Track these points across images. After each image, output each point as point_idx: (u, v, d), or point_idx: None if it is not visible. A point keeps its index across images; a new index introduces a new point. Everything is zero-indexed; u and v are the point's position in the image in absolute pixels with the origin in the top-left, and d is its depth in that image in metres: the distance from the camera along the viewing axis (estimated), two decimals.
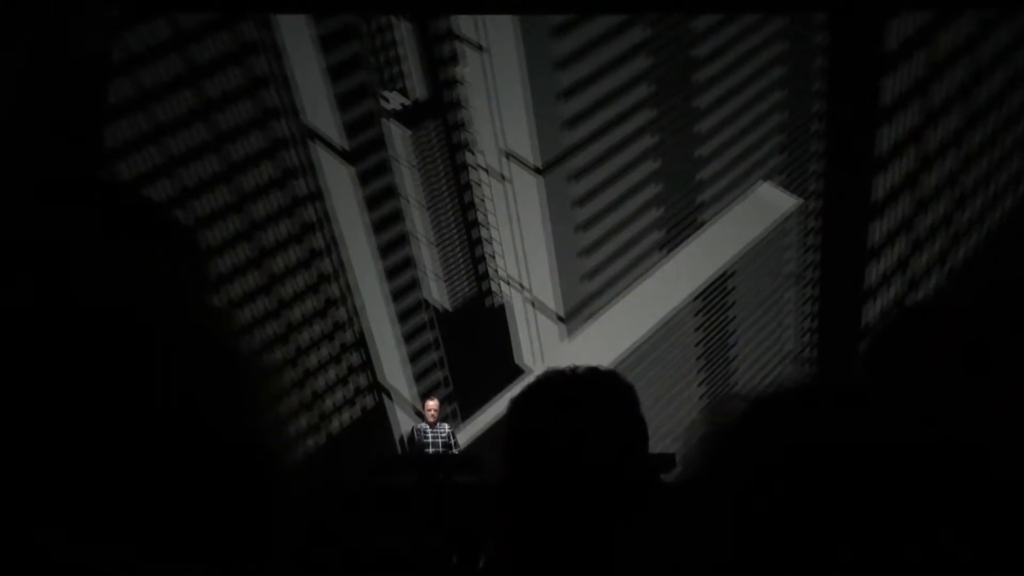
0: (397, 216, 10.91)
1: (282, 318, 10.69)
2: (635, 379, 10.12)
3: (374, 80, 10.33)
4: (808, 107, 9.73)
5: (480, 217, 10.95)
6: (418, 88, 10.37)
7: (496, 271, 11.06)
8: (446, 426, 9.53)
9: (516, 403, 1.69)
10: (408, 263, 11.09)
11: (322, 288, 10.96)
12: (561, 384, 1.68)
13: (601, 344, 10.60)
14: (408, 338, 11.15)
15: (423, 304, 11.19)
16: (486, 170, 10.60)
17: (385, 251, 10.96)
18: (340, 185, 10.61)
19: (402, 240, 11.00)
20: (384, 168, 10.72)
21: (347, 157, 10.51)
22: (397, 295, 11.11)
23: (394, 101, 10.48)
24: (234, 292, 10.27)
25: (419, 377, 11.16)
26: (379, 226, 10.87)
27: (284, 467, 0.86)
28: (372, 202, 10.77)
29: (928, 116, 9.49)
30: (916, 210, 9.70)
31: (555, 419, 1.63)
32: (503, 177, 10.54)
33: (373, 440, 10.84)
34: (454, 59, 10.21)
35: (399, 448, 10.76)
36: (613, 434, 1.64)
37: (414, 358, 11.17)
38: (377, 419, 11.13)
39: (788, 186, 10.02)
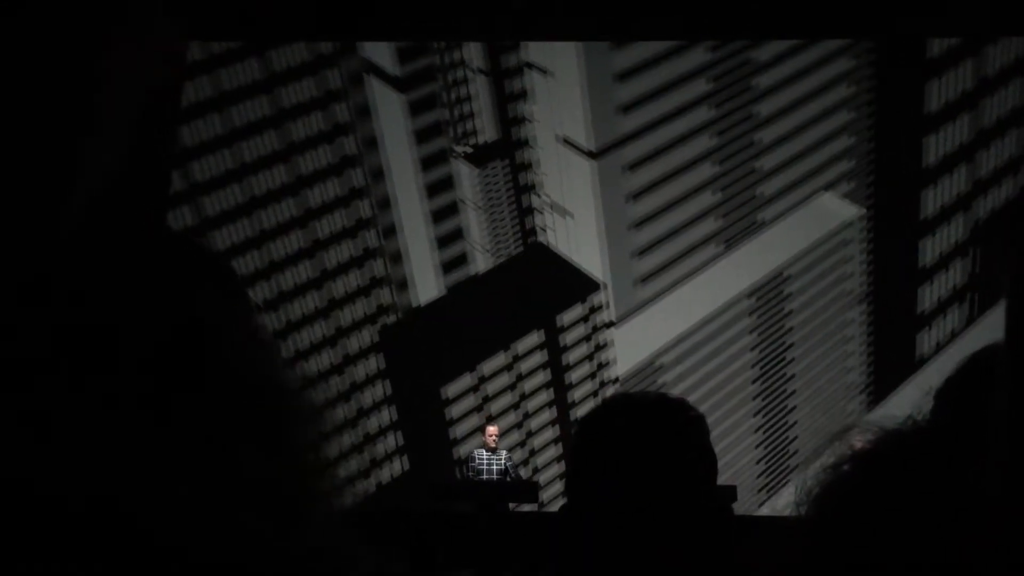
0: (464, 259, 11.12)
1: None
2: (681, 376, 9.84)
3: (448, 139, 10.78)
4: (868, 125, 9.88)
5: None
6: (487, 128, 10.72)
7: None
8: (504, 452, 9.25)
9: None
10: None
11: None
12: (629, 412, 1.63)
13: (648, 335, 10.37)
14: None
15: None
16: (551, 207, 10.76)
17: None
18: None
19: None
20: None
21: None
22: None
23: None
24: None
25: None
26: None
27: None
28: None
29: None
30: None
31: (622, 448, 1.57)
32: (566, 212, 10.68)
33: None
34: (524, 96, 10.61)
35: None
36: (682, 465, 1.56)
37: None
38: None
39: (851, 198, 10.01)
